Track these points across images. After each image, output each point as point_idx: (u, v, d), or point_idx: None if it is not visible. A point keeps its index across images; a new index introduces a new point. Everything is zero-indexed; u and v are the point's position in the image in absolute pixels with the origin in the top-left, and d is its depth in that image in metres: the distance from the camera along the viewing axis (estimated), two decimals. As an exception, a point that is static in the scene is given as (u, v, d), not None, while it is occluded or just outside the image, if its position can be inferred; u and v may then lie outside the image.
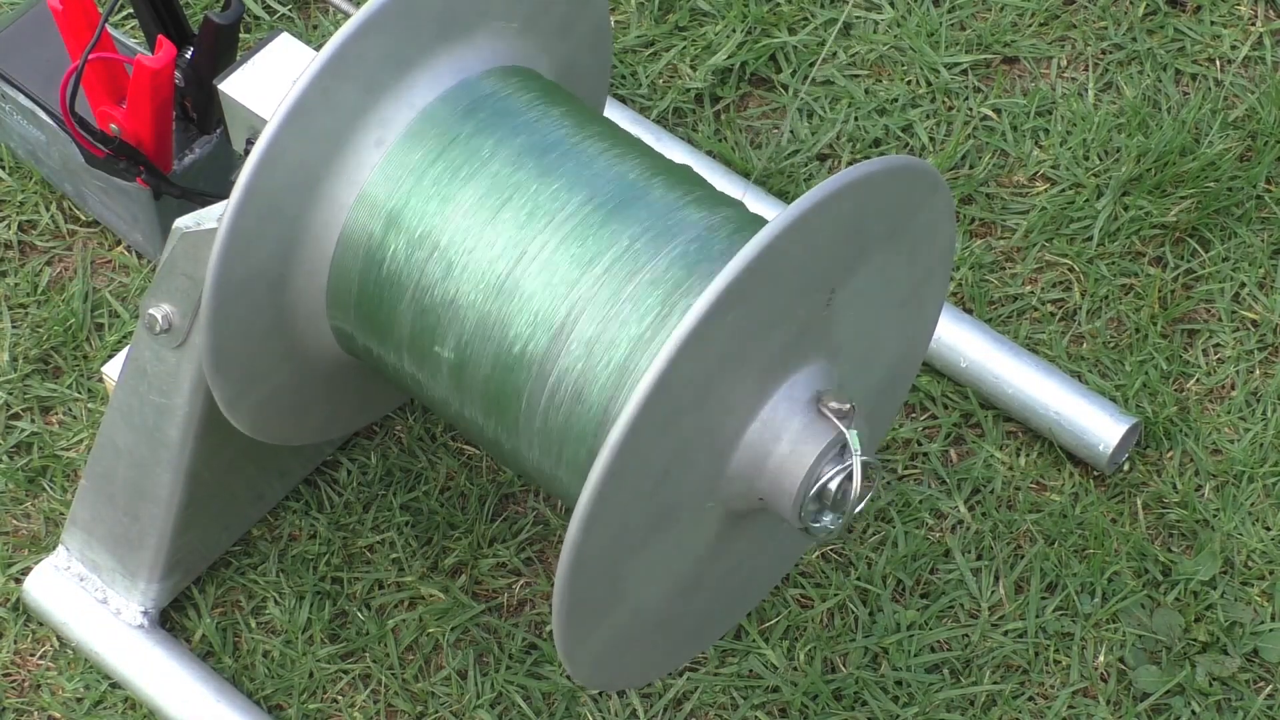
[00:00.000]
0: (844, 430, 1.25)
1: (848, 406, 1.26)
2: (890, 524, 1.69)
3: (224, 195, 1.32)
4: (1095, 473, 1.72)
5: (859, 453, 1.25)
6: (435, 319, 1.33)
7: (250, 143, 1.42)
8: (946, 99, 1.92)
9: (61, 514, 1.67)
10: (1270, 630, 1.65)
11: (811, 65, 1.93)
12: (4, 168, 1.84)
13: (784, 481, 1.25)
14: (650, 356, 1.26)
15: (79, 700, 1.60)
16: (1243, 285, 1.82)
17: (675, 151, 1.82)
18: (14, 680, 1.62)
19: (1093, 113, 1.91)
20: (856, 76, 1.93)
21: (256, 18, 1.94)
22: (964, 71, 1.94)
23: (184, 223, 1.37)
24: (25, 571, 1.64)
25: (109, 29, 1.56)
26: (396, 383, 1.40)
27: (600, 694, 1.61)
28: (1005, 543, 1.69)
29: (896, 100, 1.91)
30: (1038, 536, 1.69)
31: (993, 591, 1.67)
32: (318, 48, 1.41)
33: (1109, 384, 1.76)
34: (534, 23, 1.43)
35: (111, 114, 1.57)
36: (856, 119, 1.90)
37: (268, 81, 1.42)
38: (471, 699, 1.61)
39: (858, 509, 1.27)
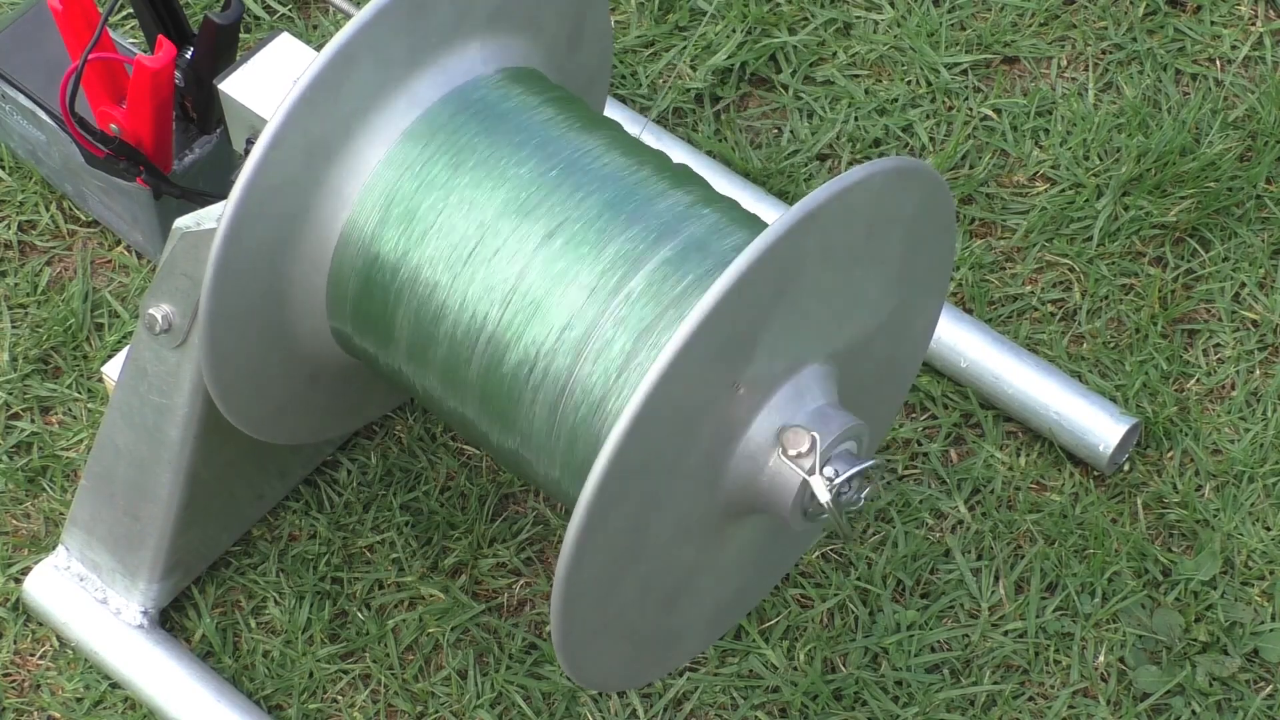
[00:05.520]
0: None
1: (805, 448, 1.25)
2: (890, 524, 1.69)
3: (224, 195, 1.32)
4: (1095, 473, 1.72)
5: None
6: (434, 319, 1.33)
7: (250, 143, 1.42)
8: (946, 99, 1.92)
9: (61, 514, 1.67)
10: (1270, 630, 1.65)
11: (812, 65, 1.93)
12: (4, 168, 1.84)
13: (783, 482, 1.25)
14: (650, 357, 1.26)
15: (79, 700, 1.60)
16: (1243, 285, 1.82)
17: (675, 151, 1.82)
18: (14, 680, 1.62)
19: (1093, 113, 1.91)
20: (856, 76, 1.93)
21: (256, 18, 1.94)
22: (964, 71, 1.94)
23: (184, 223, 1.37)
24: (25, 571, 1.64)
25: (108, 32, 1.56)
26: (395, 383, 1.41)
27: (600, 694, 1.61)
28: (1005, 543, 1.69)
29: (896, 100, 1.91)
30: (1038, 536, 1.69)
31: (993, 591, 1.67)
32: (318, 48, 1.41)
33: (1109, 384, 1.76)
34: (534, 23, 1.43)
35: (111, 114, 1.57)
36: (856, 119, 1.90)
37: (268, 81, 1.42)
38: (471, 699, 1.61)
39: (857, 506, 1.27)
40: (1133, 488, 1.72)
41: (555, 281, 1.29)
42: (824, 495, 1.24)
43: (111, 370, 1.59)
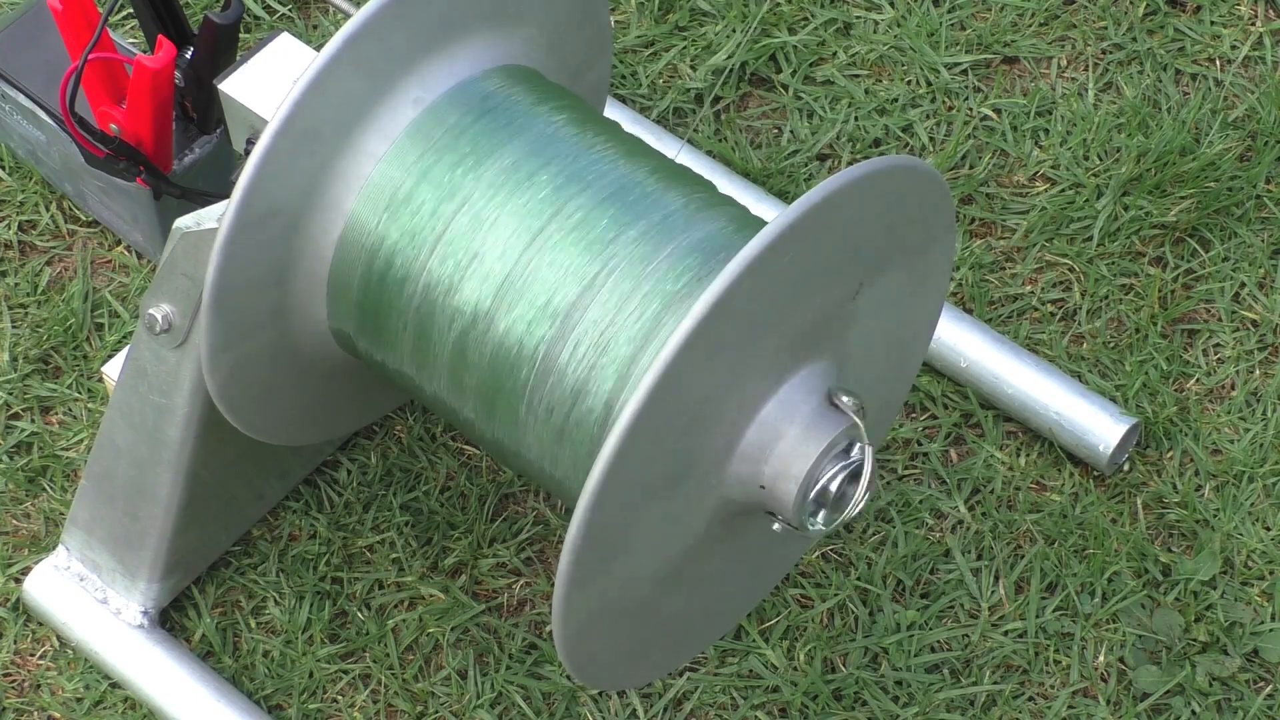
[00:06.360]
0: (858, 422, 1.25)
1: (855, 403, 1.26)
2: (890, 524, 1.69)
3: (224, 195, 1.32)
4: (1095, 473, 1.72)
5: (869, 449, 1.26)
6: (434, 318, 1.33)
7: (250, 143, 1.42)
8: (946, 99, 1.92)
9: (61, 514, 1.67)
10: (1270, 630, 1.65)
11: (812, 65, 1.93)
12: (4, 168, 1.84)
13: (784, 482, 1.25)
14: (651, 357, 1.26)
15: (79, 700, 1.60)
16: (1243, 285, 1.82)
17: (674, 151, 1.82)
18: (14, 680, 1.62)
19: (1093, 113, 1.91)
20: (856, 76, 1.93)
21: (256, 18, 1.94)
22: (964, 71, 1.94)
23: (184, 223, 1.37)
24: (25, 571, 1.64)
25: (108, 32, 1.56)
26: (396, 383, 1.41)
27: (600, 694, 1.61)
28: (1005, 543, 1.69)
29: (896, 100, 1.91)
30: (1038, 536, 1.69)
31: (993, 591, 1.67)
32: (318, 48, 1.41)
33: (1109, 384, 1.76)
34: (534, 23, 1.43)
35: (111, 114, 1.57)
36: (856, 119, 1.90)
37: (268, 81, 1.42)
38: (471, 699, 1.61)
39: (858, 508, 1.27)
40: (1133, 488, 1.72)
41: (556, 279, 1.29)
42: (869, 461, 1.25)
43: (111, 370, 1.59)
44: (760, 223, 1.32)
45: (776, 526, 1.27)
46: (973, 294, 1.80)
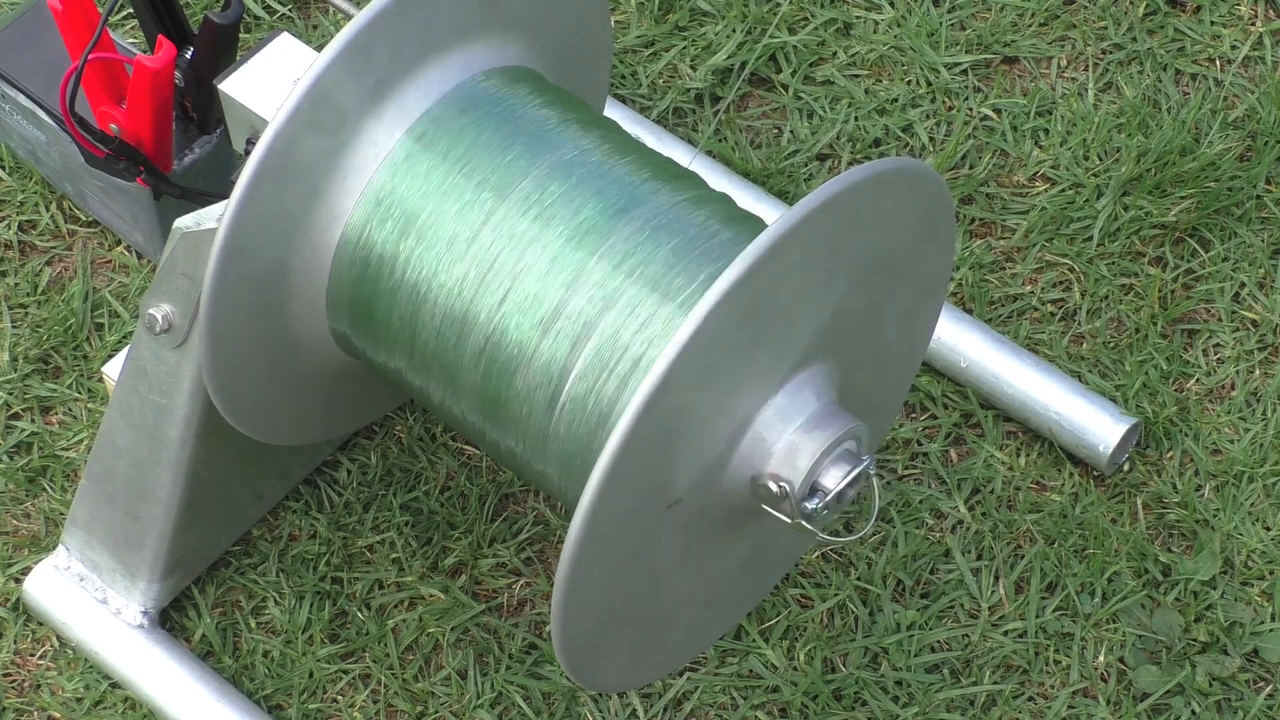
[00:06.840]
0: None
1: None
2: (890, 524, 1.69)
3: (224, 195, 1.32)
4: (1095, 473, 1.72)
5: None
6: (431, 319, 1.33)
7: (250, 143, 1.42)
8: (946, 99, 1.92)
9: (61, 514, 1.67)
10: (1270, 630, 1.65)
11: (812, 65, 1.93)
12: (4, 168, 1.84)
13: (784, 484, 1.25)
14: (650, 358, 1.26)
15: (79, 700, 1.60)
16: (1243, 285, 1.82)
17: (675, 152, 1.82)
18: (14, 680, 1.62)
19: (1093, 113, 1.91)
20: (856, 76, 1.93)
21: (256, 18, 1.94)
22: (964, 71, 1.94)
23: (184, 223, 1.37)
24: (25, 571, 1.64)
25: (108, 32, 1.56)
26: (395, 383, 1.41)
27: (600, 694, 1.61)
28: (1005, 543, 1.69)
29: (896, 100, 1.91)
30: (1038, 536, 1.69)
31: (993, 591, 1.67)
32: (318, 48, 1.41)
33: (1109, 384, 1.76)
34: (534, 24, 1.43)
35: (111, 114, 1.57)
36: (856, 119, 1.90)
37: (268, 81, 1.42)
38: (471, 699, 1.61)
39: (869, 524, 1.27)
40: (1133, 488, 1.72)
41: (554, 279, 1.29)
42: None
43: (111, 370, 1.59)
44: (761, 224, 1.32)
45: (783, 521, 1.27)
46: (973, 294, 1.80)
